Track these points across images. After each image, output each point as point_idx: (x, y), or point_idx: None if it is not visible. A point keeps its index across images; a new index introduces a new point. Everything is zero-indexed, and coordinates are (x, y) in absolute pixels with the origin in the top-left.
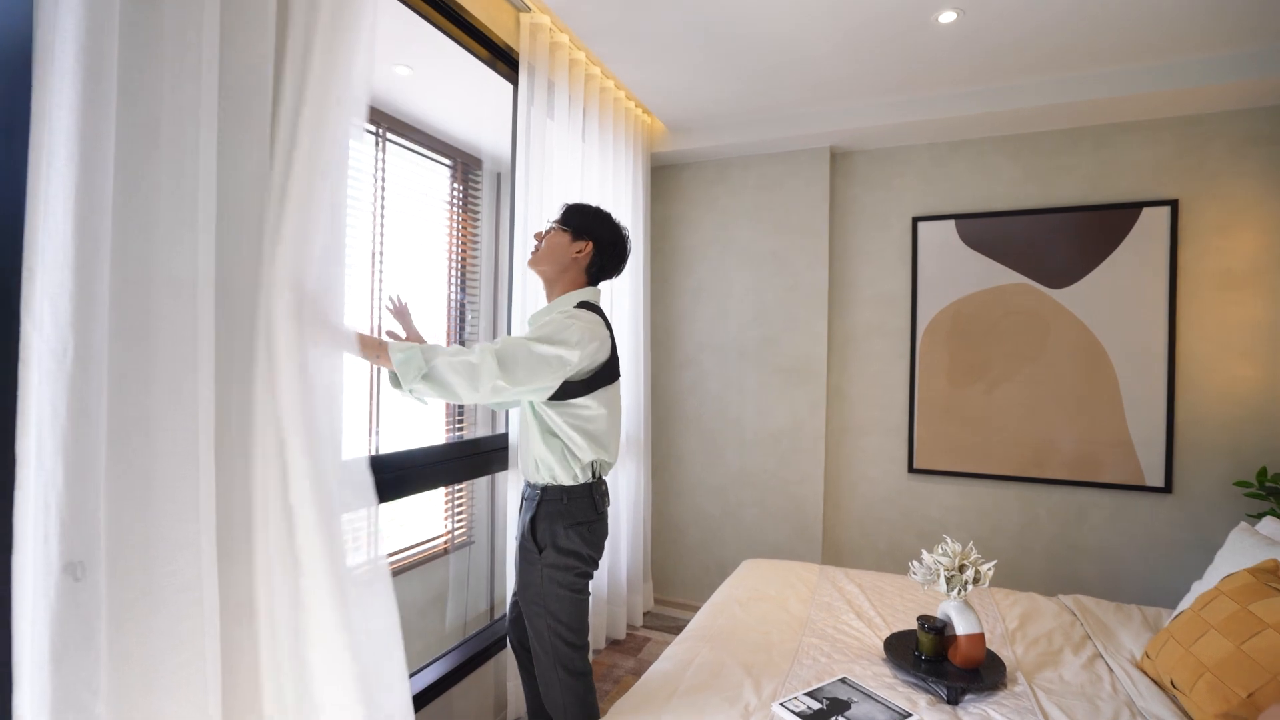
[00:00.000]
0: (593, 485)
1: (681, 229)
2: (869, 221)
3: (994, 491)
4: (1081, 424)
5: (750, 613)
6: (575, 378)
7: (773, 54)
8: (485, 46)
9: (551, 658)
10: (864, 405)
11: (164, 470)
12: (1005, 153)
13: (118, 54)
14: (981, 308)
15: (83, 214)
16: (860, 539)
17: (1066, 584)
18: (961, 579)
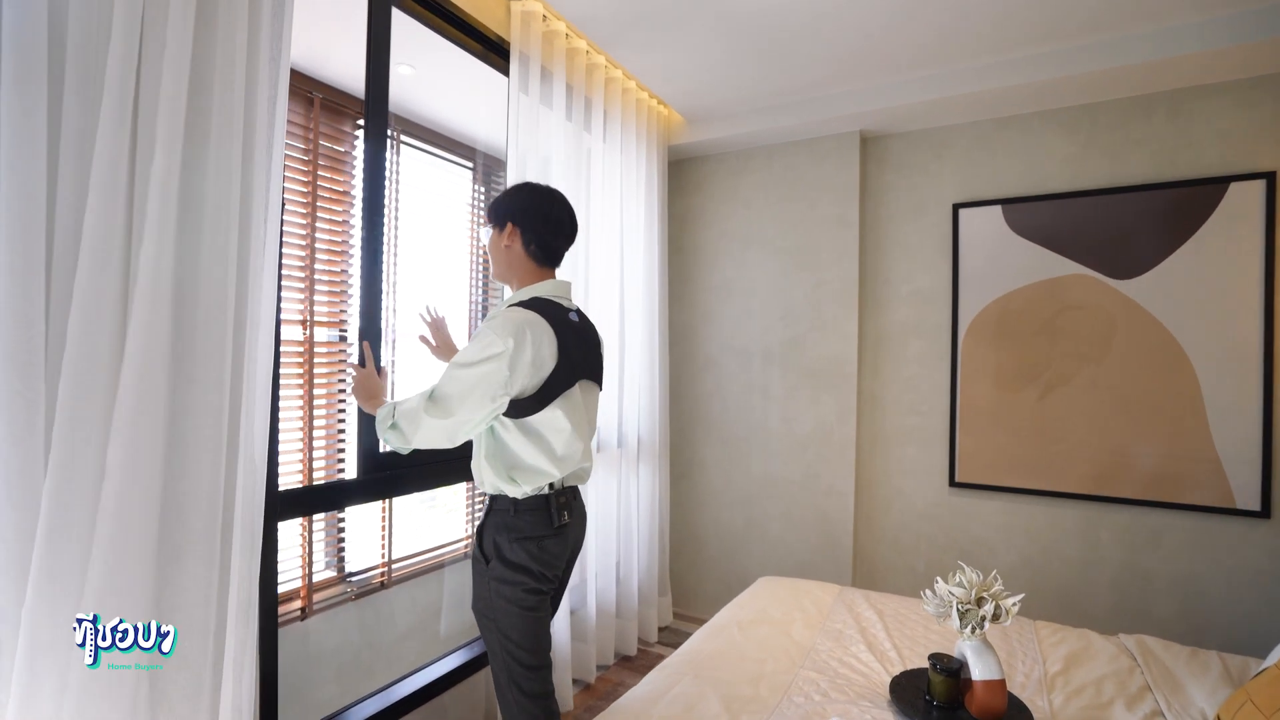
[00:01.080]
0: (550, 497)
1: (703, 224)
2: (904, 210)
3: (1049, 510)
4: (1154, 435)
5: (749, 637)
6: (523, 394)
7: (788, 27)
8: (477, 40)
9: (505, 676)
10: (900, 412)
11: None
12: (1061, 127)
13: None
14: (1033, 303)
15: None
16: (895, 558)
17: (1136, 620)
18: (978, 614)
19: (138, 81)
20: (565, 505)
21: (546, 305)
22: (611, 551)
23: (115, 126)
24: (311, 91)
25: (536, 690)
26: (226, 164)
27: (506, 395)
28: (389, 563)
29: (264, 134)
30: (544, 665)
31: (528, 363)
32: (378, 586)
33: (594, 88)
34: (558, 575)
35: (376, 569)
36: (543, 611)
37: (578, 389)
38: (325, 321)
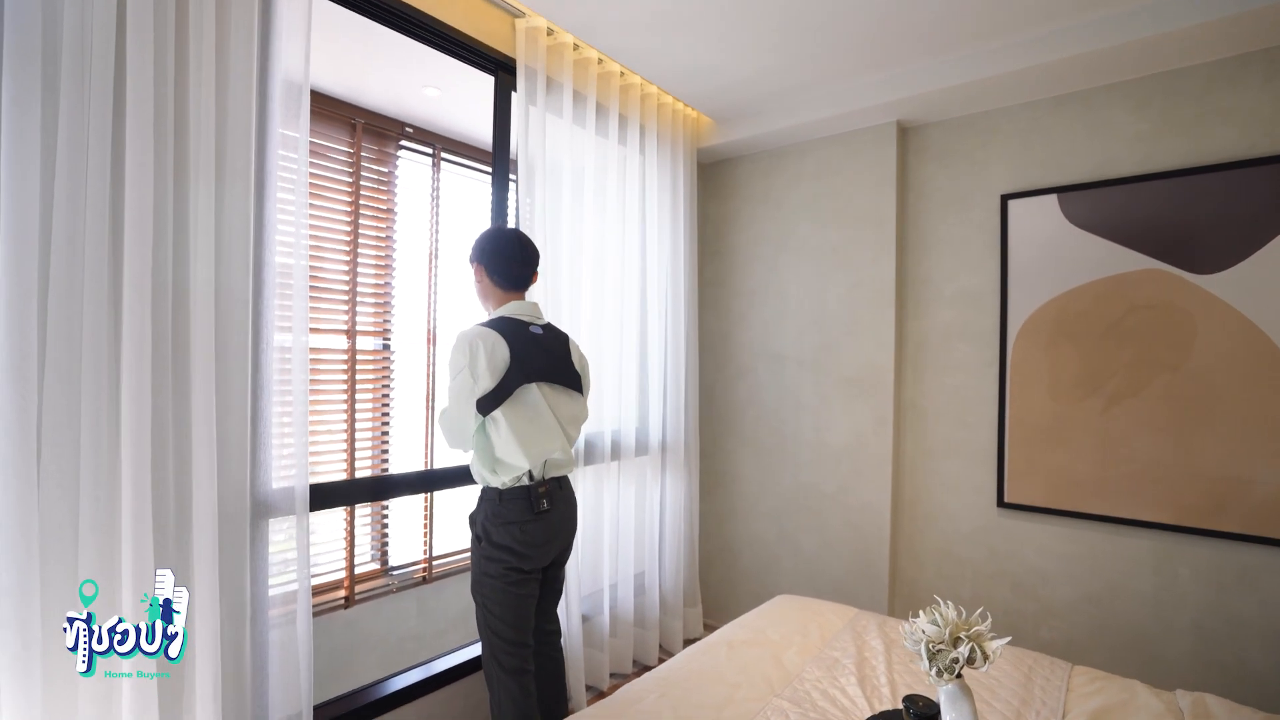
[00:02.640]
0: (530, 488)
1: (735, 227)
2: (947, 204)
3: (1114, 539)
4: (1248, 457)
5: (734, 659)
6: (484, 392)
7: (807, 11)
8: (489, 59)
9: (489, 649)
10: (942, 423)
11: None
12: (1129, 101)
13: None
14: (1095, 303)
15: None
16: (938, 582)
17: (1222, 674)
18: (949, 656)
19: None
20: (546, 494)
21: (508, 322)
22: (630, 559)
23: (100, 145)
24: (354, 118)
25: (514, 666)
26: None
27: (474, 394)
28: (430, 559)
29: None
30: (523, 644)
31: (484, 368)
32: (419, 581)
33: (608, 95)
34: (545, 557)
35: (418, 564)
36: (525, 591)
37: (535, 389)
38: (369, 331)
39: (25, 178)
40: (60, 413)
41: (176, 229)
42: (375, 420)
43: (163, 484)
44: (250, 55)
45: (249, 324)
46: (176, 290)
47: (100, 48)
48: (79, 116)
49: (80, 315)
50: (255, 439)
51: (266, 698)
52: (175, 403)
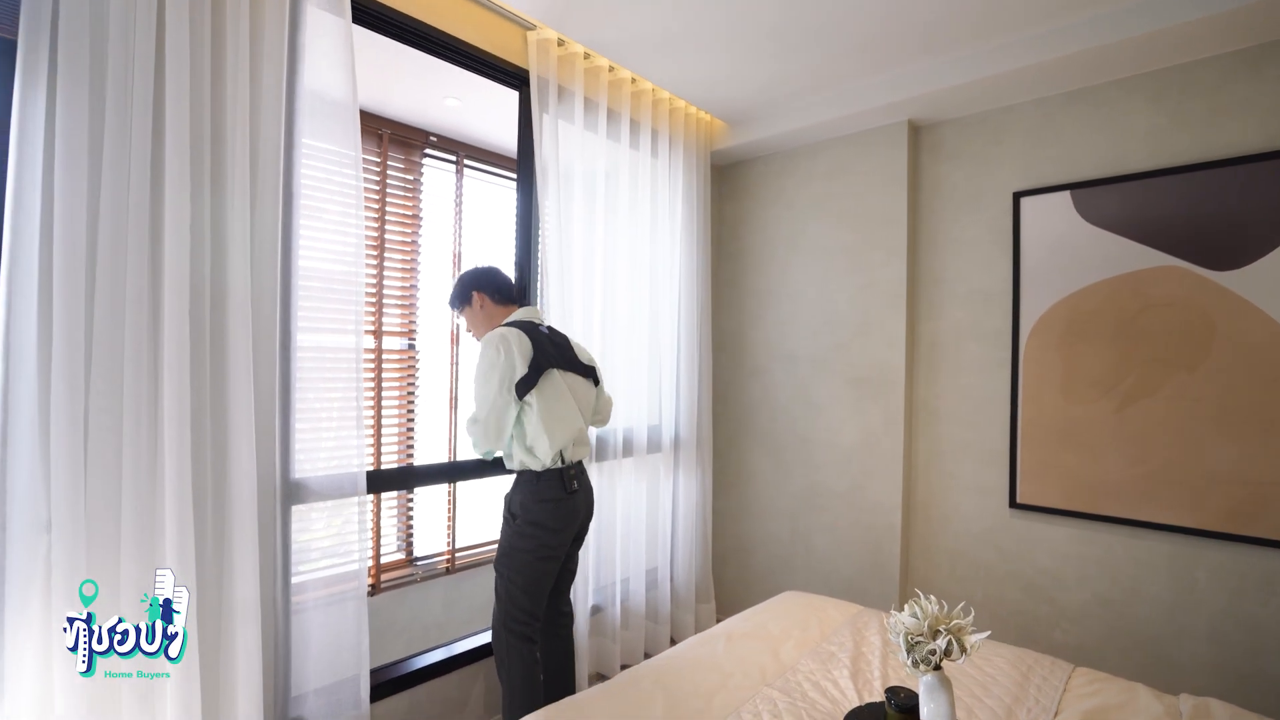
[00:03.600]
0: (562, 470)
1: (749, 228)
2: (960, 203)
3: (1130, 542)
4: (1268, 458)
5: (732, 650)
6: (520, 377)
7: (806, 13)
8: (503, 71)
9: (502, 615)
10: (955, 423)
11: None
12: (1143, 95)
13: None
14: (1109, 301)
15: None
16: (951, 584)
17: (1241, 682)
18: (926, 648)
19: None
20: (574, 476)
21: (520, 323)
22: (641, 554)
23: (142, 161)
24: (381, 129)
25: (523, 633)
26: (241, 199)
27: (512, 380)
28: (453, 551)
29: (273, 171)
30: (535, 616)
31: (517, 356)
32: (443, 572)
33: (620, 101)
34: (570, 533)
35: (442, 555)
36: (548, 567)
37: (556, 374)
38: (395, 331)
39: (74, 194)
40: (105, 407)
41: (214, 236)
42: (401, 415)
43: (201, 472)
44: (280, 73)
45: (277, 325)
46: (214, 293)
47: (140, 76)
48: (122, 134)
49: (122, 317)
50: (286, 430)
51: (306, 667)
52: (214, 398)
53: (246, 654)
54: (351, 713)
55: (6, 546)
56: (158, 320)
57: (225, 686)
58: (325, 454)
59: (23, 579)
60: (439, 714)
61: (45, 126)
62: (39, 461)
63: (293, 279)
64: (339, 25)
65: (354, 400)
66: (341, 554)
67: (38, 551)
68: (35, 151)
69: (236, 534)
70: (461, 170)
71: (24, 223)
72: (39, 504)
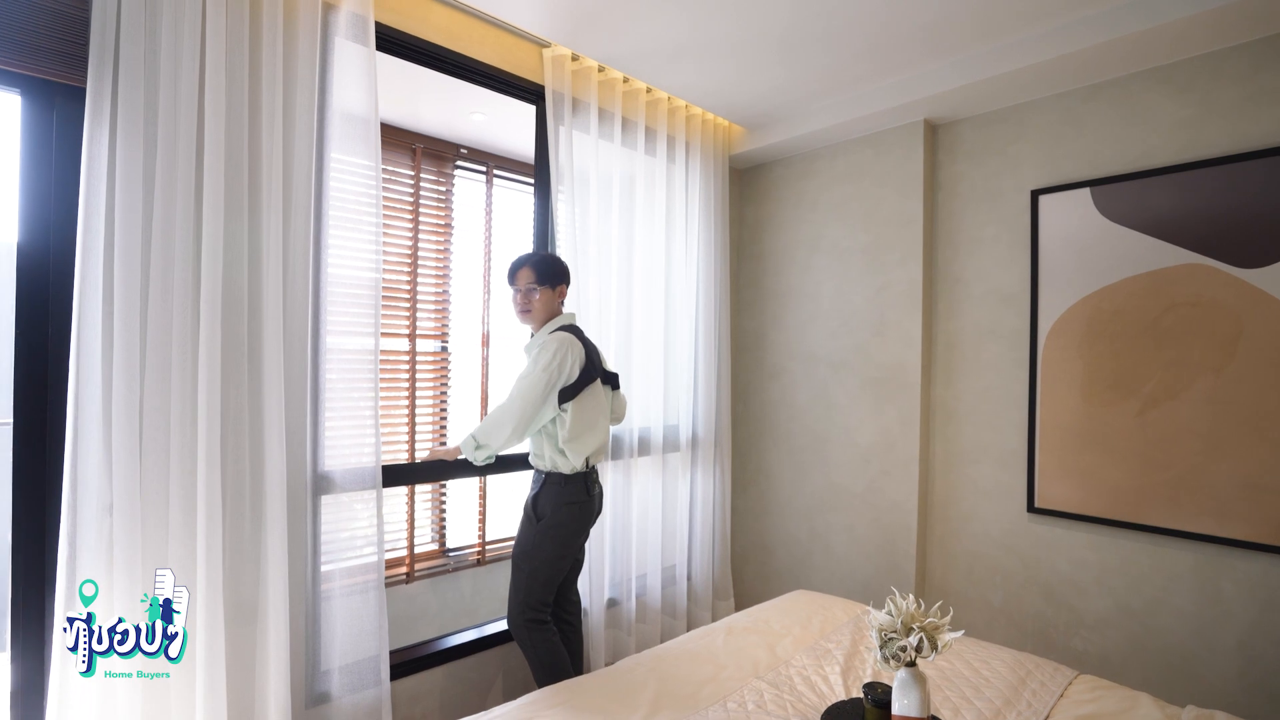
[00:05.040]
0: (585, 474)
1: (770, 230)
2: (978, 202)
3: (1153, 550)
4: None
5: (730, 643)
6: (568, 382)
7: (814, 20)
8: (522, 87)
9: (520, 605)
10: (973, 425)
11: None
12: (1169, 86)
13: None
14: (1131, 301)
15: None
16: (969, 588)
17: (1271, 700)
18: (899, 644)
19: (198, 133)
20: (594, 480)
21: (572, 329)
22: (658, 550)
23: (186, 185)
24: (414, 143)
25: (540, 619)
26: (275, 216)
27: (560, 385)
28: (484, 543)
29: (305, 187)
30: (547, 605)
31: (575, 366)
32: (474, 563)
33: (635, 111)
34: (587, 531)
35: (473, 547)
36: (566, 564)
37: (598, 384)
38: (429, 334)
39: (130, 219)
40: (157, 403)
41: (251, 251)
42: (435, 413)
43: (239, 462)
44: (311, 99)
45: (309, 328)
46: (251, 301)
47: (184, 115)
48: (170, 166)
49: (170, 324)
50: (316, 425)
51: (333, 646)
52: (250, 396)
53: (277, 629)
54: (373, 689)
55: (78, 527)
56: (199, 326)
57: (259, 659)
58: (346, 448)
59: (92, 555)
60: (457, 693)
61: (108, 161)
62: (103, 451)
63: (322, 285)
64: (364, 54)
65: (370, 399)
66: (361, 547)
67: (103, 531)
68: (100, 183)
69: (270, 520)
70: (491, 180)
71: (92, 244)
72: (104, 489)
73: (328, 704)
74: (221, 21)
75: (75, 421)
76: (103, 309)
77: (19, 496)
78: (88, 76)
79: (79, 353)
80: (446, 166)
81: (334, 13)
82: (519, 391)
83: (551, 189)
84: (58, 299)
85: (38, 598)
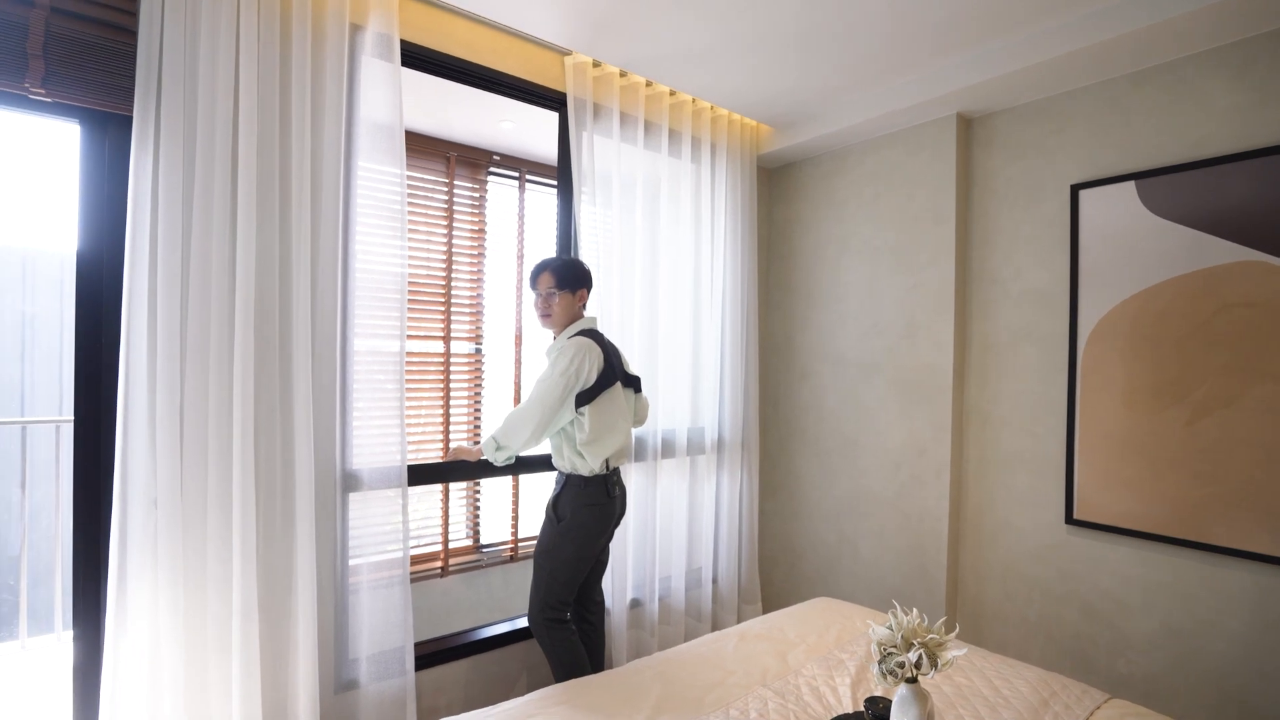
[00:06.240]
0: (606, 476)
1: (799, 230)
2: (1015, 197)
3: (1202, 568)
4: None
5: (740, 650)
6: (585, 386)
7: (829, 12)
8: (545, 95)
9: (540, 604)
10: (1008, 431)
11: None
12: (1224, 70)
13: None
14: (1179, 301)
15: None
16: (1003, 601)
17: None
18: (897, 659)
19: (233, 150)
20: (615, 482)
21: (592, 333)
22: (683, 553)
23: (222, 204)
24: (448, 152)
25: (559, 618)
26: (303, 227)
27: (577, 390)
28: (516, 540)
29: (333, 197)
30: (567, 604)
31: (593, 371)
32: (506, 559)
33: (659, 114)
34: (609, 532)
35: (505, 544)
36: (586, 565)
37: (618, 387)
38: (463, 336)
39: (171, 235)
40: (195, 404)
41: (282, 261)
42: (470, 413)
43: (270, 461)
44: (340, 114)
45: (337, 331)
46: (282, 307)
47: (220, 137)
48: (207, 184)
49: (208, 330)
50: (345, 425)
51: (361, 636)
52: (281, 398)
53: (307, 619)
54: (398, 679)
55: (127, 520)
56: (234, 332)
57: (291, 646)
58: (373, 448)
59: (138, 547)
60: (481, 686)
61: (151, 181)
62: (148, 449)
63: (350, 290)
64: (389, 69)
65: (396, 400)
66: (387, 543)
67: (149, 524)
68: (145, 201)
69: (300, 516)
70: (523, 185)
71: (138, 256)
72: (150, 484)
73: (355, 691)
74: (254, 50)
75: (124, 420)
76: (147, 317)
77: (79, 489)
78: (134, 105)
79: (128, 356)
80: (479, 173)
81: (360, 33)
82: (537, 395)
83: (574, 193)
84: (110, 306)
85: (95, 582)
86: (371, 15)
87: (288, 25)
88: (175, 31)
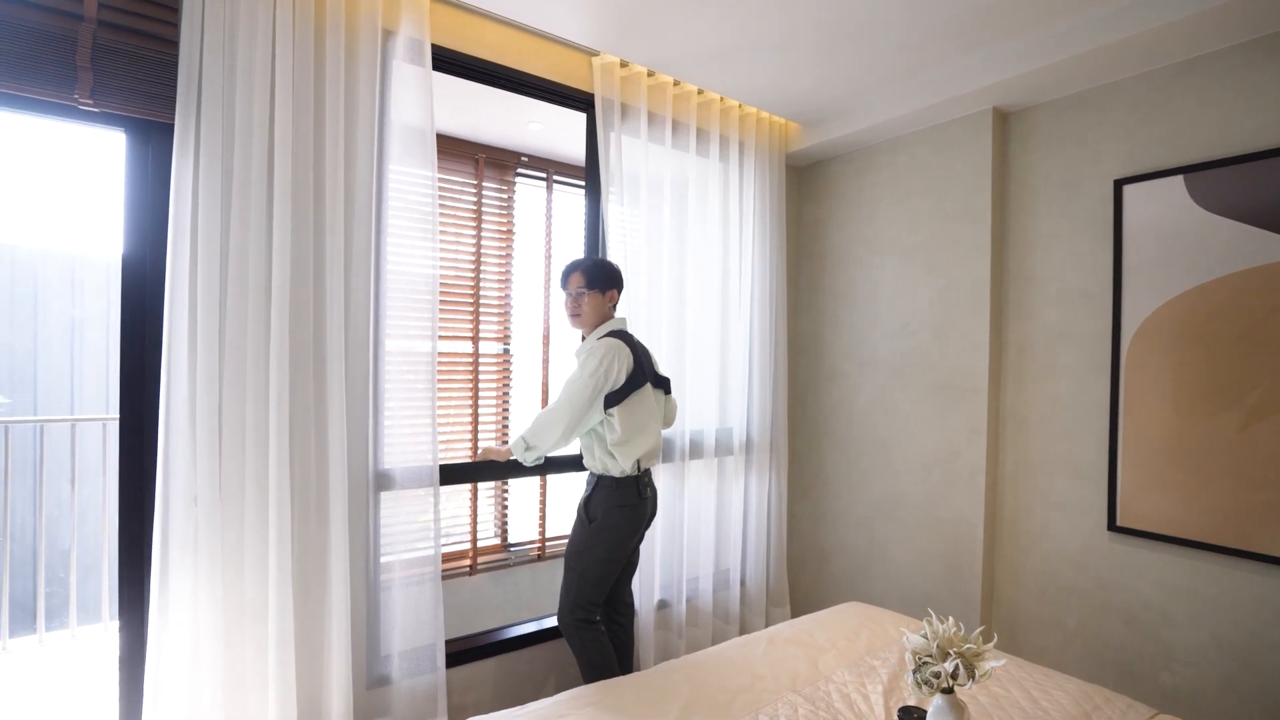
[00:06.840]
0: (637, 477)
1: (829, 229)
2: (1053, 194)
3: (1253, 578)
4: None
5: (770, 654)
6: (614, 388)
7: (856, 6)
8: (572, 96)
9: (570, 605)
10: (1046, 434)
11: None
12: (1278, 58)
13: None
14: (1230, 301)
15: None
16: (1040, 609)
17: None
18: (933, 669)
19: (269, 158)
20: (647, 483)
21: (622, 334)
22: (710, 554)
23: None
24: (476, 154)
25: (589, 618)
26: (336, 230)
27: (606, 391)
28: (544, 539)
29: (366, 200)
30: (596, 605)
31: (621, 372)
32: (534, 558)
33: (686, 113)
34: (639, 534)
35: (533, 543)
36: (617, 566)
37: (648, 388)
38: (491, 337)
39: (210, 240)
40: (233, 404)
41: (315, 264)
42: (498, 413)
43: (305, 460)
44: (373, 118)
45: (370, 332)
46: (316, 309)
47: (257, 145)
48: (244, 190)
49: (245, 332)
50: (377, 425)
51: (393, 633)
52: (316, 398)
53: (340, 615)
54: (429, 675)
55: (169, 517)
56: (269, 333)
57: (325, 642)
58: (405, 447)
59: (179, 542)
60: (510, 685)
61: (192, 186)
62: (189, 447)
63: (382, 292)
64: (420, 74)
65: (427, 400)
66: (418, 541)
67: (190, 520)
68: (186, 206)
69: (334, 514)
70: (551, 185)
71: (179, 260)
72: (190, 482)
73: (387, 686)
74: (289, 57)
75: (166, 419)
76: (188, 319)
77: (124, 486)
78: (175, 113)
79: (169, 357)
80: (508, 174)
81: (392, 38)
82: (566, 396)
83: (602, 193)
84: (153, 309)
85: (139, 576)
86: (403, 21)
87: (321, 33)
88: (214, 40)
